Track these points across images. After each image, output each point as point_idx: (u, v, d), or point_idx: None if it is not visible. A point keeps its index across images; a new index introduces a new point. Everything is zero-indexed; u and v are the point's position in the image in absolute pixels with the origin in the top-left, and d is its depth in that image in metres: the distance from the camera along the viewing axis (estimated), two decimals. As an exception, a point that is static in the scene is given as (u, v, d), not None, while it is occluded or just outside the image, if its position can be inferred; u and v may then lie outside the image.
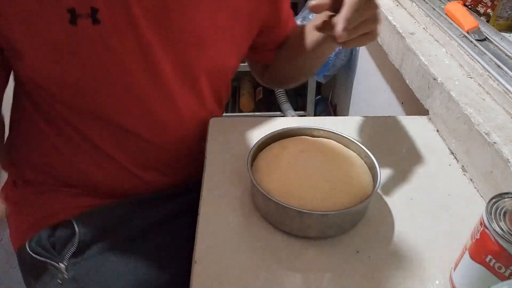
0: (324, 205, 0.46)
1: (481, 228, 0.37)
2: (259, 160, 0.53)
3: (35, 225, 0.63)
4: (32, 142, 0.64)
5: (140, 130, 0.61)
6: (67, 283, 0.57)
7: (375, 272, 0.45)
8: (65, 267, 0.58)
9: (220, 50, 0.63)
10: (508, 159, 0.49)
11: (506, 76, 0.60)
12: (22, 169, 0.66)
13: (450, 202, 0.54)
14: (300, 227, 0.47)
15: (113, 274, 0.59)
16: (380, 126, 0.68)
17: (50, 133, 0.61)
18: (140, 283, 0.59)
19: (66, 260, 0.59)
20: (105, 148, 0.61)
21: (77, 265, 0.58)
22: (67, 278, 0.57)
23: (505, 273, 0.36)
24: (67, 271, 0.58)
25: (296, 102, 1.94)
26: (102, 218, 0.63)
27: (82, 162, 0.63)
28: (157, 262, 0.61)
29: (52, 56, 0.52)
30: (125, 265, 0.60)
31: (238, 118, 0.70)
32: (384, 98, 1.07)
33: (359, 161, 0.53)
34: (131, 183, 0.65)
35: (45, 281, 0.59)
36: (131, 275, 0.59)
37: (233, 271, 0.45)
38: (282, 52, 0.74)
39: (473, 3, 0.80)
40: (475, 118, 0.56)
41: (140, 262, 0.60)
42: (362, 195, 0.48)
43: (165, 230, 0.65)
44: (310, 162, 0.50)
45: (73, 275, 0.58)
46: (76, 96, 0.57)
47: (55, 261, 0.59)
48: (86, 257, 0.59)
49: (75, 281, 0.57)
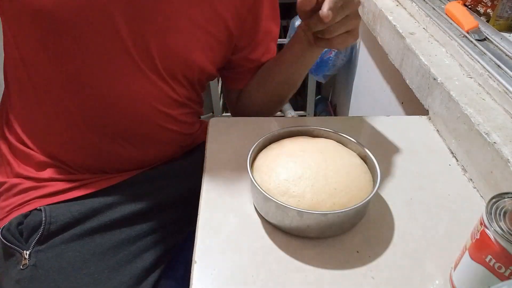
0: (324, 205, 0.46)
1: (481, 228, 0.37)
2: (259, 160, 0.53)
3: (10, 212, 0.64)
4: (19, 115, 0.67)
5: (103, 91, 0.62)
6: (27, 269, 0.59)
7: (375, 272, 0.45)
8: (29, 254, 0.59)
9: (187, 42, 0.63)
10: (508, 159, 0.49)
11: (506, 76, 0.60)
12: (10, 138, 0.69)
13: (450, 202, 0.54)
14: (300, 227, 0.47)
15: (75, 263, 0.60)
16: (380, 126, 0.68)
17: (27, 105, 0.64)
18: (100, 274, 0.60)
19: (31, 248, 0.60)
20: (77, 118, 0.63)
21: (40, 253, 0.60)
22: (28, 265, 0.59)
23: (505, 273, 0.36)
24: (29, 258, 0.59)
25: (296, 102, 1.94)
26: (73, 209, 0.64)
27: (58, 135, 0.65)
28: (122, 255, 0.63)
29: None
30: (89, 255, 0.61)
31: (238, 118, 0.70)
32: (384, 98, 1.07)
33: (359, 161, 0.53)
34: (103, 157, 0.67)
35: (9, 267, 0.61)
36: (93, 266, 0.60)
37: (233, 271, 0.45)
38: (255, 78, 0.75)
39: (473, 3, 0.80)
40: (475, 118, 0.56)
41: (104, 254, 0.61)
42: (362, 195, 0.48)
43: (136, 224, 0.66)
44: (310, 162, 0.51)
45: (34, 262, 0.59)
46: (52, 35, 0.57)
47: (21, 248, 0.60)
48: (50, 245, 0.60)
49: (35, 268, 0.59)
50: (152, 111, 0.66)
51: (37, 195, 0.65)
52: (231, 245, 0.47)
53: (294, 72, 0.71)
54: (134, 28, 0.58)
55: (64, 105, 0.63)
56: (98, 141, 0.66)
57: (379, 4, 0.95)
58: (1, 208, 0.66)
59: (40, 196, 0.65)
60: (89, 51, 0.58)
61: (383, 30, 0.91)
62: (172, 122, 0.69)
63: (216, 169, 0.58)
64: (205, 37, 0.65)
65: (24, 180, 0.66)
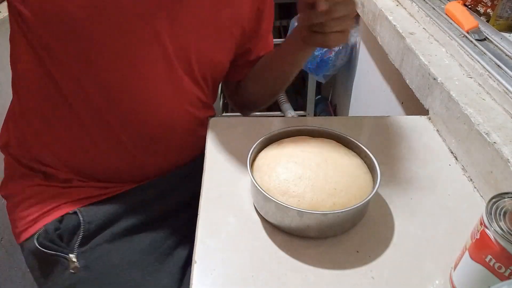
0: (324, 205, 0.46)
1: (481, 228, 0.37)
2: (259, 160, 0.53)
3: (41, 218, 0.63)
4: (40, 133, 0.65)
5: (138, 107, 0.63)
6: (80, 271, 0.59)
7: (375, 272, 0.45)
8: (75, 256, 0.59)
9: (217, 44, 0.66)
10: (508, 159, 0.49)
11: (506, 76, 0.60)
12: (26, 158, 0.67)
13: (450, 202, 0.54)
14: (300, 227, 0.47)
15: (123, 258, 0.61)
16: (380, 126, 0.68)
17: (56, 123, 0.63)
18: (149, 270, 0.61)
19: (75, 250, 0.60)
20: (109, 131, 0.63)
21: (87, 254, 0.60)
22: (79, 267, 0.59)
23: (505, 273, 0.36)
24: (78, 260, 0.59)
25: (296, 102, 1.94)
26: (105, 209, 0.64)
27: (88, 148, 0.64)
28: (163, 249, 0.64)
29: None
30: (134, 251, 0.62)
31: (238, 118, 0.70)
32: (384, 98, 1.07)
33: (359, 161, 0.53)
34: (134, 167, 0.68)
35: (57, 273, 0.60)
36: (140, 261, 0.61)
37: (233, 271, 0.45)
38: (253, 72, 0.78)
39: (473, 3, 0.80)
40: (475, 118, 0.56)
41: (147, 249, 0.63)
42: (362, 195, 0.48)
43: (166, 221, 0.68)
44: (310, 162, 0.50)
45: (85, 263, 0.59)
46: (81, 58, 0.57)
47: (65, 253, 0.60)
48: (93, 245, 0.61)
49: (88, 269, 0.59)
50: (185, 115, 0.68)
51: (65, 201, 0.64)
52: (231, 245, 0.47)
53: (287, 69, 0.74)
54: (175, 35, 0.59)
55: (102, 117, 0.62)
56: (133, 151, 0.66)
57: (379, 4, 0.95)
58: (21, 218, 0.65)
59: (68, 201, 0.64)
60: (132, 61, 0.58)
61: (383, 30, 0.91)
62: (199, 125, 0.71)
63: (216, 169, 0.58)
64: (229, 39, 0.68)
65: (45, 188, 0.65)
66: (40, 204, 0.64)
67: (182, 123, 0.68)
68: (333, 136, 0.57)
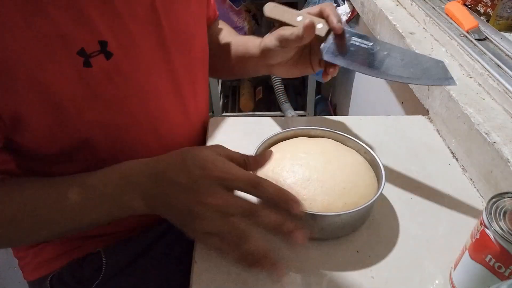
0: (336, 206, 0.46)
1: (481, 228, 0.37)
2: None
3: (58, 259, 0.60)
4: None
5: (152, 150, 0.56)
6: None
7: (375, 272, 0.45)
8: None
9: (202, 39, 0.64)
10: (508, 159, 0.49)
11: (506, 75, 0.60)
12: None
13: (450, 202, 0.54)
14: (313, 230, 0.46)
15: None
16: (380, 126, 0.68)
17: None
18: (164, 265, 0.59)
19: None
20: None
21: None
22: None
23: (505, 272, 0.36)
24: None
25: (296, 101, 1.94)
26: (128, 248, 0.62)
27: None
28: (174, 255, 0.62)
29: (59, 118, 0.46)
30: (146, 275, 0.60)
31: (238, 118, 0.70)
32: (384, 98, 1.07)
33: (360, 159, 0.53)
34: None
35: None
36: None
37: (233, 271, 0.45)
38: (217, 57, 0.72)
39: (473, 3, 0.80)
40: (475, 118, 0.56)
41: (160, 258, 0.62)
42: (369, 192, 0.48)
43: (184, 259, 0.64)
44: (315, 164, 0.50)
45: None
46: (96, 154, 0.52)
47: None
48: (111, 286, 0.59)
49: None
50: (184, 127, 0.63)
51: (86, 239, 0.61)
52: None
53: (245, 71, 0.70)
54: (183, 59, 0.57)
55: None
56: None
57: (379, 4, 0.95)
58: (33, 255, 0.61)
59: (89, 238, 0.61)
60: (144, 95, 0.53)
61: (383, 30, 0.91)
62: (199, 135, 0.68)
63: (216, 169, 0.58)
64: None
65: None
66: (57, 244, 0.60)
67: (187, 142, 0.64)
68: (330, 135, 0.57)
